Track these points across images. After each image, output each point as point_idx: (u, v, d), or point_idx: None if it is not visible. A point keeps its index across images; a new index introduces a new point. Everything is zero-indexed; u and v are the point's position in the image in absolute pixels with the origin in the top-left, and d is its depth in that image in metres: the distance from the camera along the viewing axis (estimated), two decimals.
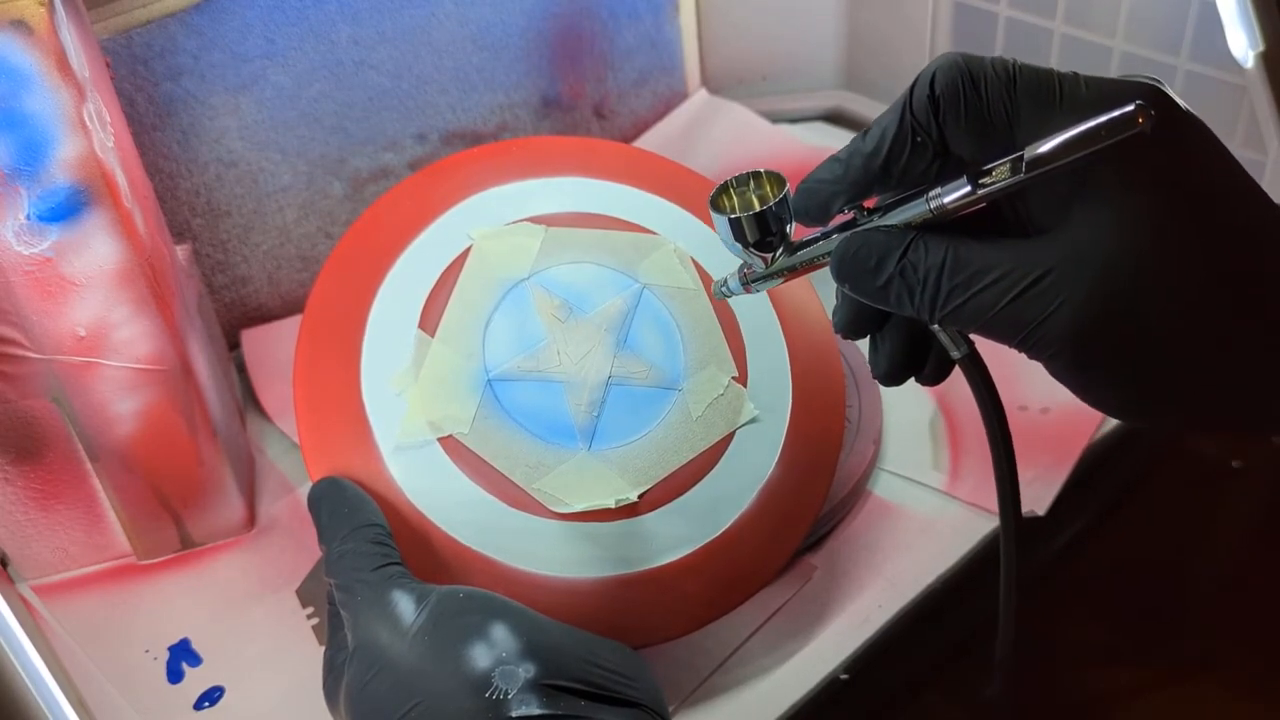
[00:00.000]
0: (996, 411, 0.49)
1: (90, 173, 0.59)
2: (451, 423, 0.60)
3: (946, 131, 0.44)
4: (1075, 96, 0.42)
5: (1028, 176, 0.41)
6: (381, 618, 0.51)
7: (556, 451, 0.60)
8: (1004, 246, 0.42)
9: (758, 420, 0.64)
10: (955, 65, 0.43)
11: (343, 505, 0.56)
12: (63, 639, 0.67)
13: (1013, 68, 0.43)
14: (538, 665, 0.48)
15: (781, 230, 0.48)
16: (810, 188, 0.47)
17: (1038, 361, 0.43)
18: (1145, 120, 0.39)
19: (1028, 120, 0.43)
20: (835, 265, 0.46)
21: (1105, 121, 0.39)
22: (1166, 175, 0.41)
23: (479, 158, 0.70)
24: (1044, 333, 0.42)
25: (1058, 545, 0.71)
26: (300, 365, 0.61)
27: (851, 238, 0.45)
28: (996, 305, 0.42)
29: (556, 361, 0.62)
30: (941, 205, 0.43)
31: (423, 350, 0.61)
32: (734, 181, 0.49)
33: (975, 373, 0.48)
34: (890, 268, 0.44)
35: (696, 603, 0.60)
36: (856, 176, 0.46)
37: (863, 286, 0.45)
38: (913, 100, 0.44)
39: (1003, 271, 0.42)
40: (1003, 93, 0.43)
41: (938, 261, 0.43)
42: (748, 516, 0.62)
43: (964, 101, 0.43)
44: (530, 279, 0.64)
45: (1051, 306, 0.41)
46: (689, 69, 1.01)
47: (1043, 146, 0.40)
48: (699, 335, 0.65)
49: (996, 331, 0.43)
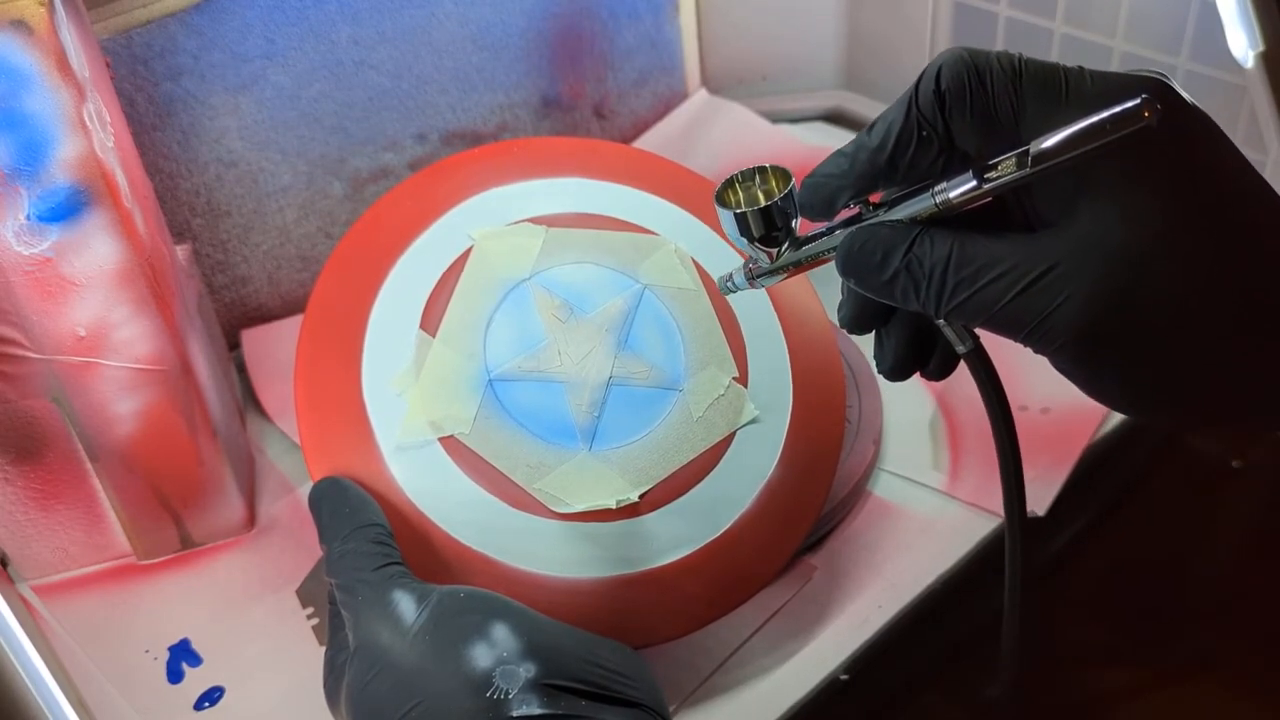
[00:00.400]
0: (1002, 407, 0.49)
1: (90, 173, 0.59)
2: (452, 423, 0.60)
3: (952, 126, 0.44)
4: (1080, 91, 0.42)
5: (1033, 171, 0.40)
6: (382, 617, 0.51)
7: (557, 452, 0.60)
8: (1010, 241, 0.42)
9: (758, 420, 0.64)
10: (961, 60, 0.43)
11: (344, 505, 0.56)
12: (63, 639, 0.67)
13: (1018, 62, 0.43)
14: (538, 665, 0.48)
15: (787, 225, 0.48)
16: (816, 182, 0.47)
17: (1043, 355, 0.43)
18: (1151, 114, 0.39)
19: (1033, 115, 0.43)
20: (841, 260, 0.46)
21: (1111, 116, 0.39)
22: (1172, 169, 0.41)
23: (480, 158, 0.70)
24: (1050, 326, 0.42)
25: (1058, 545, 0.71)
26: (301, 365, 0.61)
27: (857, 232, 0.45)
28: (1002, 299, 0.42)
29: (557, 362, 0.62)
30: (947, 200, 0.43)
31: (424, 350, 0.61)
32: (740, 176, 0.49)
33: (981, 368, 0.48)
34: (896, 262, 0.44)
35: (697, 603, 0.60)
36: (862, 171, 0.46)
37: (868, 281, 0.45)
38: (918, 95, 0.44)
39: (1009, 266, 0.42)
40: (1008, 87, 0.43)
41: (943, 256, 0.43)
42: (748, 517, 0.62)
43: (970, 96, 0.43)
44: (531, 279, 0.64)
45: (1057, 300, 0.41)
46: (689, 69, 1.01)
47: (1048, 141, 0.40)
48: (699, 335, 0.65)
49: (1002, 325, 0.43)
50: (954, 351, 0.48)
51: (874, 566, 0.68)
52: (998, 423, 0.49)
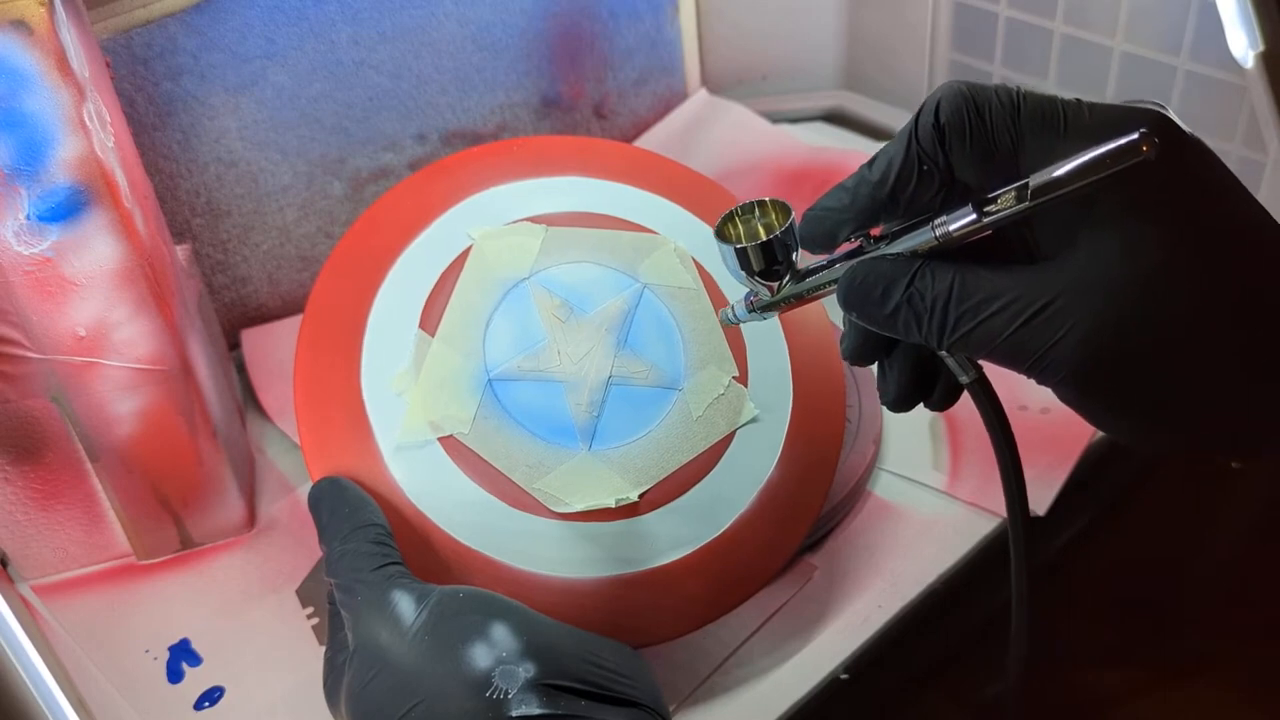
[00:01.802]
0: (1006, 437, 0.49)
1: (90, 173, 0.59)
2: (452, 423, 0.60)
3: (952, 160, 0.44)
4: (1079, 123, 0.43)
5: (1033, 204, 0.41)
6: (382, 618, 0.51)
7: (557, 451, 0.60)
8: (1011, 273, 0.43)
9: (758, 420, 0.64)
10: (960, 94, 0.44)
11: (343, 505, 0.56)
12: (63, 639, 0.67)
13: (1016, 95, 0.43)
14: (538, 665, 0.48)
15: (788, 259, 0.48)
16: (817, 215, 0.47)
17: (1046, 386, 0.44)
18: (1150, 149, 0.39)
19: (1032, 147, 0.43)
20: (842, 293, 0.46)
21: (1110, 150, 0.39)
22: (1172, 202, 0.41)
23: (479, 157, 0.70)
24: (1052, 359, 0.42)
25: (1057, 545, 0.71)
26: (301, 365, 0.61)
27: (858, 266, 0.46)
28: (1004, 332, 0.42)
29: (557, 361, 0.62)
30: (947, 233, 0.43)
31: (423, 350, 0.61)
32: (739, 210, 0.49)
33: (984, 398, 0.48)
34: (897, 296, 0.44)
35: (697, 603, 0.60)
36: (863, 205, 0.46)
37: (870, 314, 0.46)
38: (918, 129, 0.44)
39: (1010, 298, 0.42)
40: (1007, 121, 0.43)
41: (945, 289, 0.43)
42: (748, 516, 0.62)
43: (969, 130, 0.43)
44: (530, 279, 0.64)
45: (1059, 333, 0.42)
46: (689, 69, 1.01)
47: (1047, 175, 0.40)
48: (699, 335, 0.65)
49: (1004, 358, 0.43)
50: (957, 382, 0.48)
51: (874, 566, 0.68)
52: (1002, 452, 0.49)
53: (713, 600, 0.60)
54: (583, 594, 0.58)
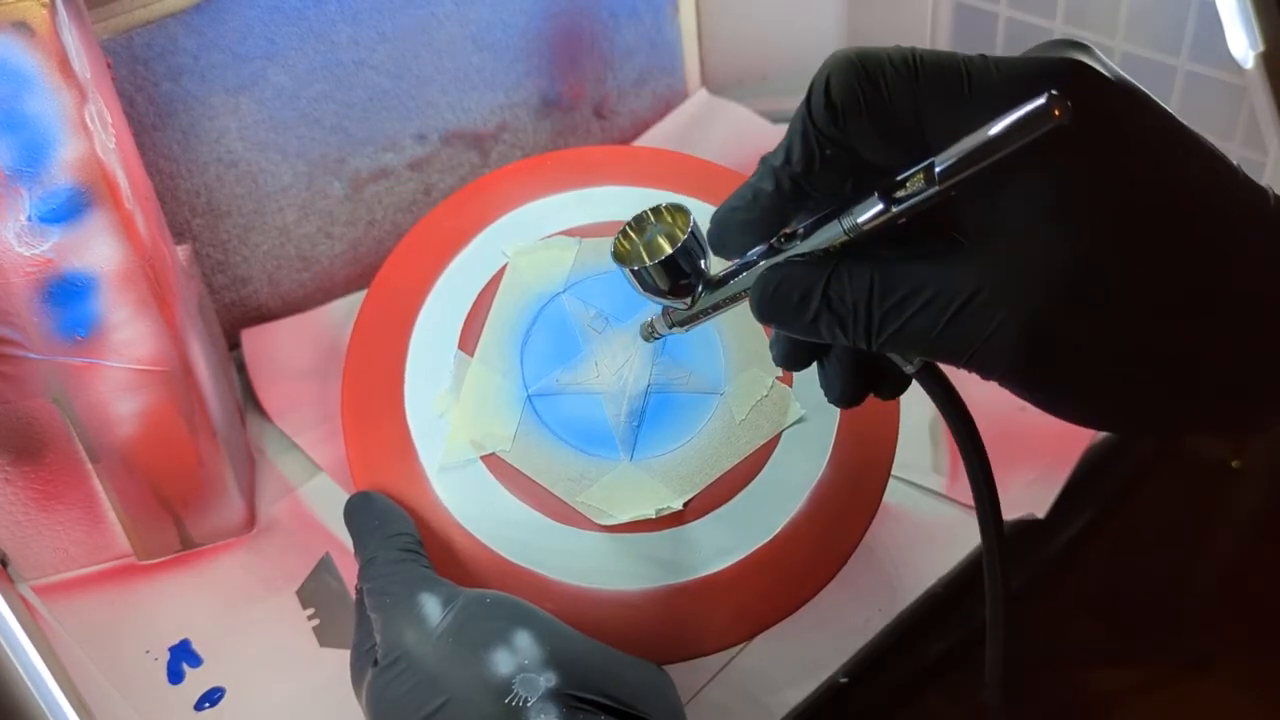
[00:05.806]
0: (962, 419, 0.45)
1: (91, 174, 0.59)
2: (494, 441, 0.60)
3: (852, 139, 0.40)
4: (986, 83, 0.38)
5: (942, 188, 0.37)
6: (408, 618, 0.51)
7: (599, 464, 0.60)
8: (934, 263, 0.39)
9: (805, 420, 0.62)
10: (850, 63, 0.39)
11: (373, 517, 0.57)
12: (63, 639, 0.67)
13: (913, 58, 0.39)
14: (559, 675, 0.48)
15: (696, 269, 0.44)
16: (722, 219, 0.43)
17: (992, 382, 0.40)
18: (1063, 113, 0.35)
19: (936, 115, 0.39)
20: (756, 305, 0.42)
21: (1017, 120, 0.36)
22: (1099, 163, 0.37)
23: (514, 173, 0.70)
24: (989, 352, 0.38)
25: (1057, 546, 0.71)
26: (348, 394, 0.62)
27: (769, 273, 0.42)
28: (934, 328, 0.39)
29: (595, 373, 0.62)
30: (856, 226, 0.40)
31: (462, 371, 0.62)
32: (633, 224, 0.45)
33: (934, 384, 0.45)
34: (815, 302, 0.41)
35: (748, 611, 0.59)
36: (769, 202, 0.42)
37: (790, 324, 0.42)
38: (810, 110, 0.40)
39: (934, 291, 0.38)
40: (905, 89, 0.39)
41: (864, 289, 0.40)
42: (798, 521, 0.60)
43: (864, 103, 0.39)
44: (565, 292, 0.64)
45: (992, 325, 0.38)
46: (689, 69, 1.01)
47: (952, 155, 0.37)
48: (740, 336, 0.63)
49: (941, 355, 0.40)
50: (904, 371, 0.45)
51: (874, 569, 0.68)
52: (961, 436, 0.46)
53: (764, 608, 0.59)
54: (631, 606, 0.58)
